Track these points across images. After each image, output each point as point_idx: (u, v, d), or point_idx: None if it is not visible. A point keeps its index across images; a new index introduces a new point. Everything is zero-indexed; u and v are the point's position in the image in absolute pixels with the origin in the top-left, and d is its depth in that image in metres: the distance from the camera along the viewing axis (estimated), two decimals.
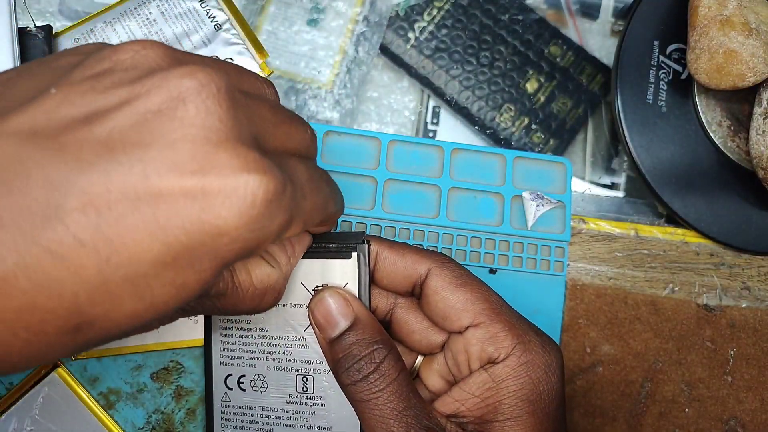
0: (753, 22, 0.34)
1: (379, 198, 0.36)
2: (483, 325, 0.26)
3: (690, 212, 0.37)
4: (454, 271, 0.27)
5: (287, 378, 0.30)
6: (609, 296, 0.37)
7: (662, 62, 0.38)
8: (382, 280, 0.28)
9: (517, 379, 0.25)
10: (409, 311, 0.29)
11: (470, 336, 0.26)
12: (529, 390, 0.25)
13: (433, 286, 0.27)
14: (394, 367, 0.26)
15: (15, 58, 0.33)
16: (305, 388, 0.30)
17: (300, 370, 0.30)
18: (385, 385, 0.25)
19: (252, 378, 0.30)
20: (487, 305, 0.26)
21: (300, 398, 0.30)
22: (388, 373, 0.25)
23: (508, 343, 0.26)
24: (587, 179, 0.40)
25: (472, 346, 0.26)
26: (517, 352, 0.26)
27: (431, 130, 0.40)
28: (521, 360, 0.25)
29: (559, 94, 0.40)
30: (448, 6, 0.40)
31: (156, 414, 0.34)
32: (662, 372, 0.36)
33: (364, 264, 0.28)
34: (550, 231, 0.36)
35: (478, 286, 0.27)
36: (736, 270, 0.38)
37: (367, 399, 0.25)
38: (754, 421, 0.36)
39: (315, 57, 0.39)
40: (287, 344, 0.29)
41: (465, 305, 0.26)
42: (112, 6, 0.36)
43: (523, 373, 0.25)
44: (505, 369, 0.25)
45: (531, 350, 0.26)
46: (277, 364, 0.30)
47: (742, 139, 0.38)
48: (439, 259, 0.27)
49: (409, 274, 0.27)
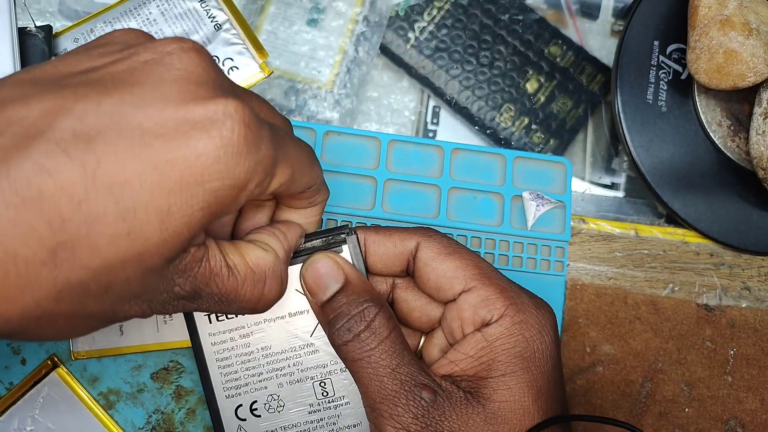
0: (753, 22, 0.34)
1: (379, 198, 0.36)
2: (474, 290, 0.26)
3: (690, 212, 0.37)
4: (441, 241, 0.27)
5: (303, 389, 0.29)
6: (609, 296, 0.37)
7: (662, 62, 0.38)
8: (376, 265, 0.28)
9: (511, 337, 0.25)
10: (407, 290, 0.29)
11: (462, 301, 0.27)
12: (522, 348, 0.25)
13: (423, 259, 0.27)
14: (385, 325, 0.26)
15: (15, 58, 0.33)
16: (325, 393, 0.29)
17: (315, 377, 0.29)
18: (377, 342, 0.25)
19: (266, 401, 0.29)
20: (477, 270, 0.27)
21: (322, 404, 0.29)
22: (380, 331, 0.26)
23: (500, 304, 0.26)
24: (587, 179, 0.40)
25: (464, 311, 0.26)
26: (509, 313, 0.26)
27: (431, 130, 0.40)
28: (514, 320, 0.26)
29: (559, 94, 0.40)
30: (448, 6, 0.40)
31: (156, 414, 0.34)
32: (662, 372, 0.36)
33: (356, 254, 0.28)
34: (550, 231, 0.36)
35: (467, 254, 0.27)
36: (736, 270, 0.38)
37: (359, 358, 0.25)
38: (754, 421, 0.36)
39: (315, 57, 0.39)
40: (296, 355, 0.29)
41: (455, 272, 0.27)
42: (112, 6, 0.36)
43: (516, 331, 0.26)
44: (498, 329, 0.26)
45: (524, 310, 0.26)
46: (289, 379, 0.29)
47: (742, 139, 0.38)
48: (426, 233, 0.28)
49: (400, 252, 0.28)
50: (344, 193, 0.36)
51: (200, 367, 0.29)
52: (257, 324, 0.29)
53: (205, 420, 0.34)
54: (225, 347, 0.29)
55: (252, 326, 0.29)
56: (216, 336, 0.29)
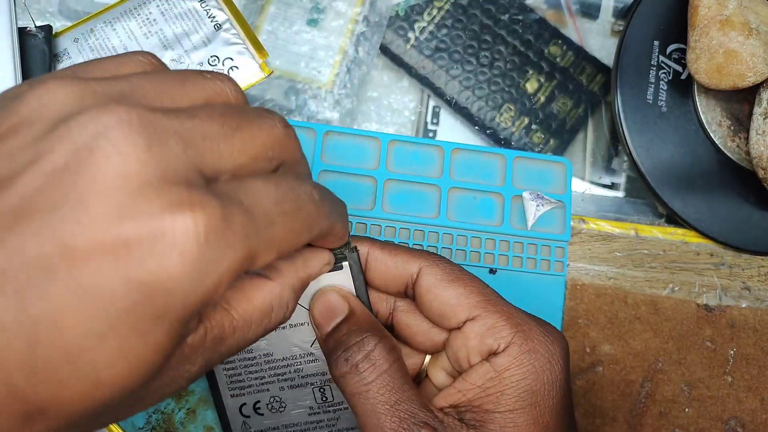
0: (753, 22, 0.34)
1: (379, 198, 0.36)
2: (480, 318, 0.25)
3: (690, 212, 0.37)
4: (445, 268, 0.27)
5: (304, 393, 0.30)
6: (609, 296, 0.37)
7: (662, 62, 0.38)
8: (375, 281, 0.28)
9: (520, 367, 0.25)
10: (409, 314, 0.28)
11: (468, 330, 0.26)
12: (532, 380, 0.24)
13: (425, 285, 0.26)
14: (385, 357, 0.25)
15: (15, 58, 0.33)
16: (324, 398, 0.30)
17: (315, 383, 0.29)
18: (375, 376, 0.25)
19: (268, 401, 0.30)
20: (482, 297, 0.26)
21: (322, 408, 0.30)
22: (379, 363, 0.25)
23: (507, 332, 0.25)
24: (587, 179, 0.40)
25: (470, 340, 0.26)
26: (517, 341, 0.25)
27: (431, 130, 0.40)
28: (523, 348, 0.25)
29: (559, 94, 0.40)
30: (448, 6, 0.40)
31: (156, 414, 0.34)
32: (662, 372, 0.36)
33: (357, 272, 0.27)
34: (550, 231, 0.36)
35: (471, 280, 0.26)
36: (736, 270, 0.38)
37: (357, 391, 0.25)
38: (754, 421, 0.36)
39: (315, 57, 0.39)
40: (296, 363, 0.29)
41: (459, 300, 0.26)
42: (112, 6, 0.36)
43: (526, 361, 0.25)
44: (507, 358, 0.25)
45: (532, 338, 0.25)
46: (290, 383, 0.30)
47: (742, 139, 0.38)
48: (430, 258, 0.27)
49: (401, 274, 0.27)
50: (344, 194, 0.36)
51: None
52: None
53: (205, 420, 0.34)
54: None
55: None
56: None
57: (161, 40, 0.35)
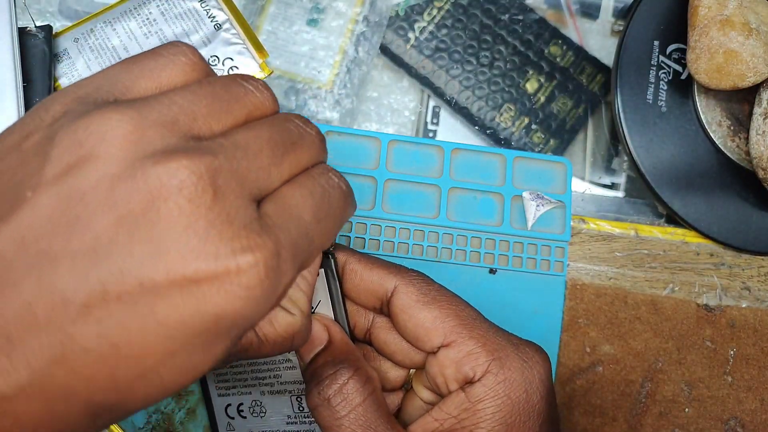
0: (753, 22, 0.34)
1: (379, 198, 0.36)
2: (455, 344, 0.25)
3: (690, 212, 0.37)
4: (421, 288, 0.26)
5: (282, 401, 0.30)
6: (609, 296, 0.37)
7: (662, 62, 0.38)
8: (350, 293, 0.27)
9: (495, 399, 0.24)
10: (387, 331, 0.27)
11: (443, 357, 0.25)
12: (507, 412, 0.24)
13: (399, 305, 0.25)
14: (359, 390, 0.24)
15: (15, 58, 0.33)
16: (301, 408, 0.30)
17: (293, 391, 0.29)
18: (348, 410, 0.24)
19: (250, 405, 0.31)
20: (457, 321, 0.25)
21: (298, 418, 0.30)
22: (351, 397, 0.24)
23: (483, 360, 0.24)
24: (587, 179, 0.40)
25: (446, 368, 0.25)
26: (493, 369, 0.24)
27: (431, 130, 0.40)
28: (498, 378, 0.24)
29: (559, 94, 0.40)
30: (448, 6, 0.40)
31: (156, 414, 0.34)
32: (662, 372, 0.36)
33: (333, 279, 0.26)
34: (550, 231, 0.36)
35: (448, 302, 0.26)
36: (736, 270, 0.38)
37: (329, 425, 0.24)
38: (754, 421, 0.36)
39: (315, 57, 0.39)
40: (276, 368, 0.29)
41: (434, 323, 0.25)
42: (112, 6, 0.36)
43: (501, 392, 0.24)
44: (481, 389, 0.24)
45: (509, 366, 0.24)
46: (270, 389, 0.30)
47: (742, 139, 0.38)
48: (407, 276, 0.26)
49: (375, 290, 0.26)
50: None
51: None
52: None
53: (205, 420, 0.34)
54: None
55: None
56: None
57: (161, 40, 0.35)
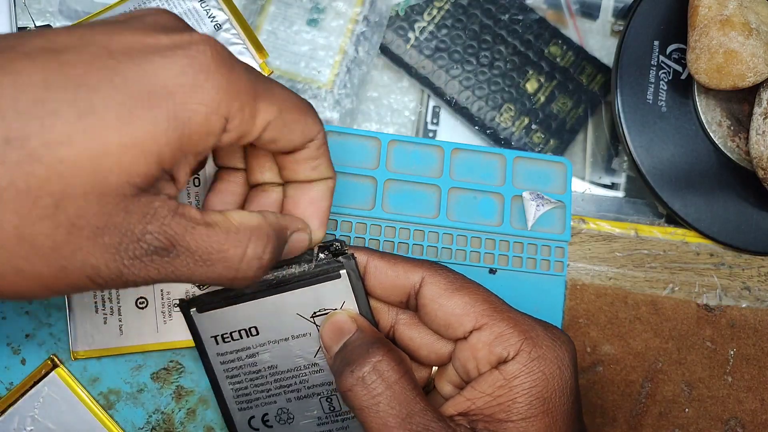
0: (753, 22, 0.34)
1: (379, 198, 0.36)
2: (487, 326, 0.25)
3: (690, 212, 0.37)
4: (447, 277, 0.26)
5: (311, 404, 0.30)
6: (609, 296, 0.37)
7: (662, 62, 0.38)
8: (375, 291, 0.27)
9: (530, 375, 0.24)
10: (412, 327, 0.28)
11: (475, 340, 0.25)
12: (542, 387, 0.24)
13: (428, 295, 0.26)
14: (394, 368, 0.24)
15: None
16: (332, 408, 0.30)
17: (322, 393, 0.29)
18: (384, 388, 0.24)
19: (276, 413, 0.30)
20: (488, 305, 0.26)
21: (330, 418, 0.30)
22: (387, 375, 0.24)
23: (515, 339, 0.25)
24: (587, 179, 0.40)
25: (479, 350, 0.25)
26: (526, 348, 0.25)
27: (431, 130, 0.40)
28: (532, 355, 0.24)
29: (559, 94, 0.40)
30: (448, 6, 0.40)
31: (156, 414, 0.34)
32: (662, 372, 0.36)
33: (356, 279, 0.27)
34: (550, 231, 0.36)
35: (475, 289, 0.26)
36: (736, 270, 0.38)
37: (366, 405, 0.24)
38: (754, 421, 0.36)
39: (315, 57, 0.39)
40: (301, 374, 0.29)
41: (465, 309, 0.25)
42: (112, 6, 0.36)
43: (536, 368, 0.24)
44: (516, 366, 0.24)
45: (541, 345, 0.25)
46: (297, 395, 0.30)
47: (742, 139, 0.38)
48: (432, 267, 0.27)
49: (402, 284, 0.26)
50: (344, 193, 0.36)
51: (212, 381, 0.30)
52: (262, 345, 0.29)
53: (205, 420, 0.34)
54: (233, 366, 0.30)
55: (257, 347, 0.29)
56: (224, 356, 0.30)
57: None
